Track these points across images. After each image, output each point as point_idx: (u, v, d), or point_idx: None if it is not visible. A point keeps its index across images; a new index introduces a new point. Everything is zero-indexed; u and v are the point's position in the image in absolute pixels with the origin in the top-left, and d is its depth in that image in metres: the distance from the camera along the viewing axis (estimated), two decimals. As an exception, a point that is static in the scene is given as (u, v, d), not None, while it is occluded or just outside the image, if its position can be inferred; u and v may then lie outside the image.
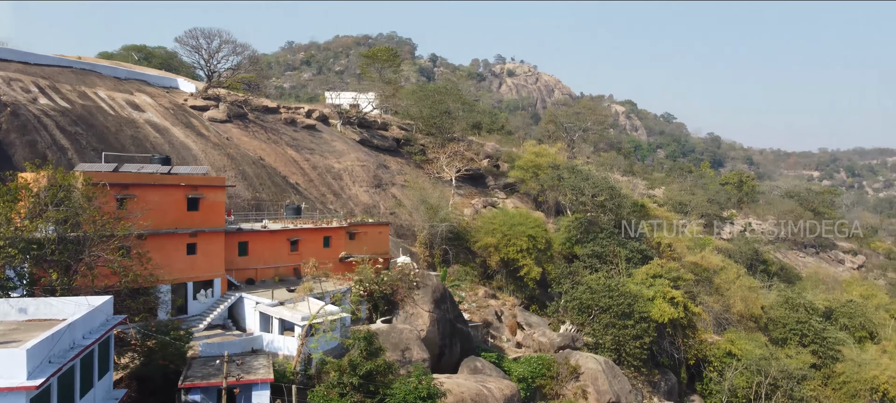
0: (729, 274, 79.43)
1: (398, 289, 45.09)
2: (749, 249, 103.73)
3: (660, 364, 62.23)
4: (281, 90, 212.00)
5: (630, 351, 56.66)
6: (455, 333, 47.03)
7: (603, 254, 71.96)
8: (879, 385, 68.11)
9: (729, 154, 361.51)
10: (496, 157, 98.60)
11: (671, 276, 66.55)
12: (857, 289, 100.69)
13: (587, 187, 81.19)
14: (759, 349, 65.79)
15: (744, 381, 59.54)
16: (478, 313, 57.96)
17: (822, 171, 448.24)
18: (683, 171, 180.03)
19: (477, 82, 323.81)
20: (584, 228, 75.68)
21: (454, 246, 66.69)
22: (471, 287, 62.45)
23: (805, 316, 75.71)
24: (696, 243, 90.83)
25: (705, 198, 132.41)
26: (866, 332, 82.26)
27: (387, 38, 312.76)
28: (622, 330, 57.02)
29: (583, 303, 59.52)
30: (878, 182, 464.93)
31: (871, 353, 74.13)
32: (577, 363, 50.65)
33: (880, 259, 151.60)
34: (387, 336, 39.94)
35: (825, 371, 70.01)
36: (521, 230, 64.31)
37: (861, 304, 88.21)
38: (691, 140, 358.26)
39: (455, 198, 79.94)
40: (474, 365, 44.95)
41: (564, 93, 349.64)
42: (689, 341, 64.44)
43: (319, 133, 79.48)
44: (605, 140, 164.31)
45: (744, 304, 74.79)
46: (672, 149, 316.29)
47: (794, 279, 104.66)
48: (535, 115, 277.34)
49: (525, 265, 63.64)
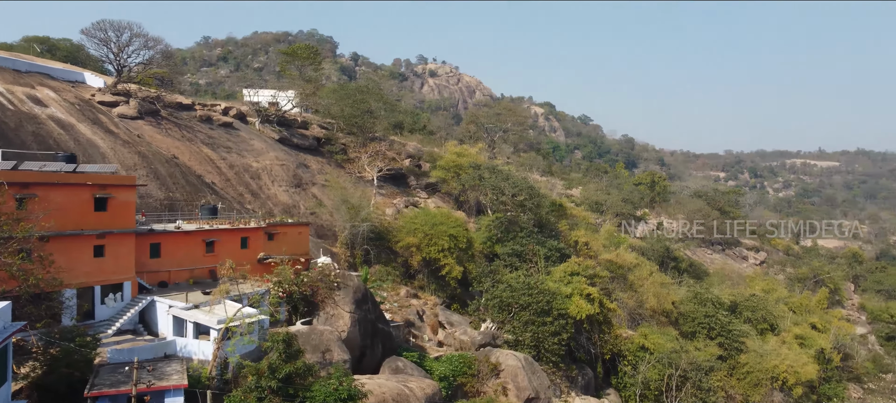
0: (642, 272, 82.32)
1: (318, 290, 44.49)
2: (661, 247, 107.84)
3: (577, 359, 63.87)
4: (196, 87, 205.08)
5: (549, 348, 57.88)
6: (376, 333, 46.83)
7: (523, 253, 73.24)
8: (779, 374, 72.39)
9: (642, 155, 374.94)
10: (418, 157, 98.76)
11: (588, 274, 68.43)
12: (759, 284, 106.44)
13: (507, 187, 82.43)
14: (670, 342, 68.53)
15: (656, 374, 61.86)
16: (399, 313, 57.90)
17: (727, 172, 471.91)
18: (599, 172, 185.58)
19: (399, 82, 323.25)
20: (504, 227, 76.84)
21: (376, 246, 66.37)
22: (392, 287, 62.32)
23: (712, 311, 79.41)
24: (612, 241, 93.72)
25: (620, 197, 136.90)
26: (768, 324, 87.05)
27: (307, 36, 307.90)
28: (541, 326, 58.19)
29: (503, 301, 60.39)
30: (778, 182, 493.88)
31: (772, 344, 78.50)
32: (498, 360, 51.36)
33: (780, 255, 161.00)
34: (307, 337, 39.35)
35: (731, 361, 73.74)
36: (443, 229, 64.69)
37: (763, 298, 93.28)
38: (607, 141, 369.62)
39: (377, 197, 79.57)
40: (396, 365, 44.89)
41: (485, 95, 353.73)
42: (605, 336, 66.39)
43: (237, 131, 77.45)
44: (524, 141, 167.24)
45: (656, 300, 77.70)
46: (589, 151, 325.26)
47: (703, 275, 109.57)
48: (456, 116, 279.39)
49: (446, 264, 64.04)
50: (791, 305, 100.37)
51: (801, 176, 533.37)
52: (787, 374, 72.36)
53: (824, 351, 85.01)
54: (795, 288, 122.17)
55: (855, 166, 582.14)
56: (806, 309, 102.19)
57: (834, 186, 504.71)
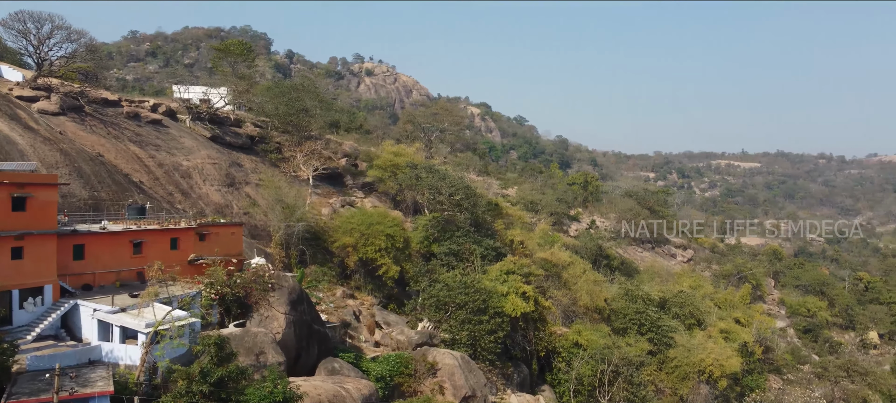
0: (576, 270, 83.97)
1: (252, 292, 43.59)
2: (593, 245, 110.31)
3: (513, 356, 64.68)
4: (123, 82, 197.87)
5: (485, 346, 58.38)
6: (312, 335, 46.25)
7: (459, 252, 73.64)
8: (706, 367, 75.19)
9: (576, 156, 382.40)
10: (354, 157, 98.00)
11: (523, 272, 69.36)
12: (686, 281, 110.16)
13: (444, 187, 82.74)
14: (602, 339, 70.20)
15: (589, 369, 63.22)
16: (336, 313, 57.34)
17: (657, 173, 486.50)
18: (534, 172, 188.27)
19: (335, 81, 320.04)
20: (441, 227, 77.10)
21: (311, 246, 65.50)
22: (328, 287, 61.64)
23: (643, 307, 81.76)
24: (546, 240, 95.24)
25: (554, 197, 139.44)
26: (695, 320, 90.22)
27: (241, 32, 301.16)
28: (477, 325, 58.64)
29: (440, 301, 60.57)
30: (704, 183, 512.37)
31: (699, 339, 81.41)
32: (435, 359, 51.49)
33: (706, 253, 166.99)
34: (240, 340, 38.51)
35: (660, 356, 76.10)
36: (380, 229, 64.38)
37: (690, 294, 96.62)
38: (542, 142, 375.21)
39: (312, 197, 78.56)
40: (332, 367, 44.44)
41: (422, 94, 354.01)
42: (540, 334, 67.45)
43: (166, 128, 75.09)
44: (461, 141, 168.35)
45: (589, 297, 79.41)
46: (524, 151, 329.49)
47: (634, 272, 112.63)
48: (393, 115, 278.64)
49: (383, 264, 63.77)
50: (716, 301, 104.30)
51: (726, 176, 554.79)
52: (712, 367, 75.20)
53: (747, 345, 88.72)
54: (720, 284, 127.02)
55: (775, 167, 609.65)
56: (730, 305, 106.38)
57: (756, 186, 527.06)
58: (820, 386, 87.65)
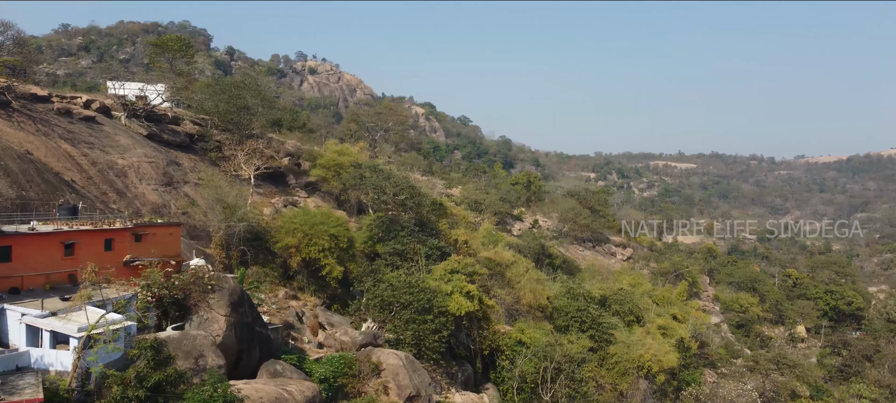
0: (519, 268, 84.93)
1: (191, 293, 42.54)
2: (536, 244, 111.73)
3: (457, 355, 64.98)
4: (54, 77, 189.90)
5: (429, 345, 58.47)
6: (254, 337, 45.45)
7: (404, 252, 73.53)
8: (645, 363, 77.15)
9: (519, 156, 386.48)
10: (297, 156, 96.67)
11: (467, 271, 69.74)
12: (626, 278, 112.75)
13: (388, 186, 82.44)
14: (545, 336, 71.19)
15: (532, 367, 64.04)
16: (278, 315, 56.50)
17: (597, 173, 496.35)
18: (478, 172, 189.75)
19: (277, 79, 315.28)
20: (385, 227, 76.80)
21: (253, 246, 64.34)
22: (271, 288, 60.69)
23: (584, 305, 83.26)
24: (490, 239, 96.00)
25: (498, 196, 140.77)
26: (634, 316, 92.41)
27: (179, 28, 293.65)
28: (422, 325, 58.67)
29: (384, 301, 60.36)
30: (643, 183, 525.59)
31: (638, 335, 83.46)
32: (379, 359, 51.30)
33: (645, 251, 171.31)
34: (178, 343, 37.55)
35: (601, 353, 77.68)
36: (323, 229, 63.65)
37: (630, 292, 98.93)
38: (485, 142, 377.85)
39: (254, 197, 77.17)
40: (274, 369, 43.77)
41: (366, 94, 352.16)
42: (484, 332, 67.95)
43: (100, 126, 72.52)
44: (405, 140, 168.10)
45: (532, 295, 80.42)
46: (468, 151, 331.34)
47: (575, 271, 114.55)
48: (337, 114, 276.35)
49: (327, 264, 63.10)
50: (655, 298, 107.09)
51: (663, 177, 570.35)
52: (651, 363, 77.21)
53: (684, 340, 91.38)
54: (658, 281, 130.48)
55: (709, 168, 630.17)
56: (668, 301, 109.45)
57: (692, 186, 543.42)
58: (752, 379, 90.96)
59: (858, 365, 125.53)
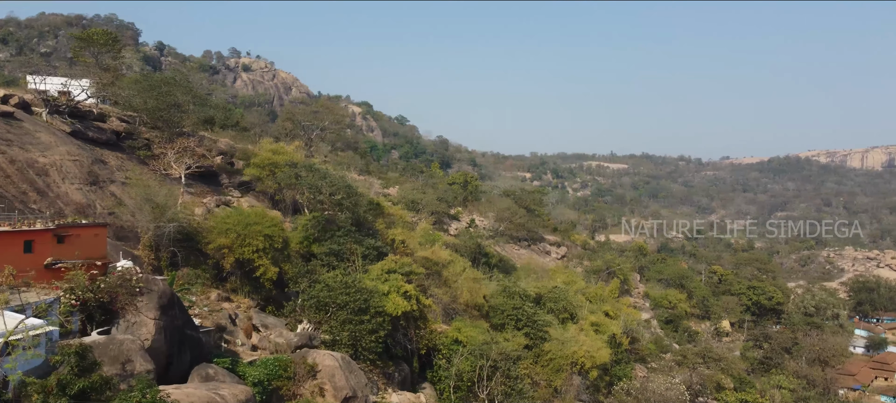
0: (456, 268, 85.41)
1: (118, 297, 41.11)
2: (473, 244, 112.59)
3: (394, 355, 64.88)
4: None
5: (366, 346, 58.20)
6: (184, 340, 44.30)
7: (340, 252, 72.94)
8: (578, 359, 78.77)
9: (456, 156, 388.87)
10: (230, 154, 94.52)
11: (404, 271, 69.69)
12: (560, 276, 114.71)
13: (325, 186, 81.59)
14: (482, 335, 71.80)
15: (469, 365, 64.49)
16: (210, 317, 55.18)
17: (533, 173, 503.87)
18: (416, 171, 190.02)
19: (210, 75, 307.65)
20: (321, 227, 75.99)
21: (184, 247, 62.59)
22: (202, 290, 59.20)
23: (520, 303, 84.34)
24: (427, 239, 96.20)
25: (435, 196, 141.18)
26: (568, 314, 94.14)
27: (105, 21, 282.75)
28: (359, 325, 58.35)
29: (320, 301, 59.74)
30: (577, 183, 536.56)
31: (572, 332, 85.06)
32: (315, 361, 50.76)
33: (578, 249, 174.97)
34: (104, 348, 36.25)
35: (536, 350, 78.87)
36: (257, 229, 62.46)
37: (564, 289, 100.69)
38: (423, 142, 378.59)
39: (185, 196, 75.07)
40: (206, 373, 42.75)
41: (302, 92, 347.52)
42: (421, 332, 68.08)
43: (19, 122, 69.13)
44: (342, 139, 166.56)
45: (469, 294, 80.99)
46: (405, 150, 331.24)
47: (511, 269, 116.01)
48: (272, 113, 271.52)
49: (261, 265, 61.96)
50: (588, 295, 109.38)
51: (596, 177, 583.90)
52: (584, 359, 78.90)
53: (616, 336, 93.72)
54: (591, 279, 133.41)
55: (640, 168, 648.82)
56: (600, 299, 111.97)
57: (623, 186, 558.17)
58: (680, 373, 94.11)
59: (778, 357, 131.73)
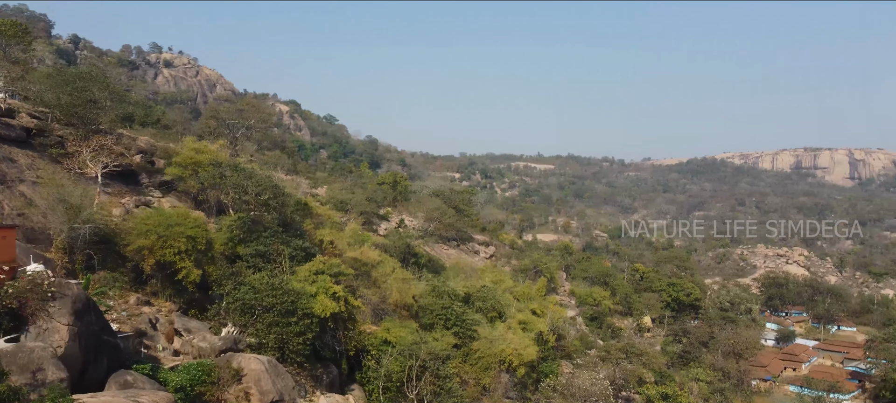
0: (386, 268, 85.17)
1: (28, 302, 39.08)
2: (402, 244, 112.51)
3: (322, 357, 64.17)
4: None
5: (293, 348, 57.37)
6: (101, 347, 42.56)
7: (267, 253, 71.54)
8: (506, 357, 79.92)
9: (385, 156, 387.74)
10: (151, 153, 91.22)
11: (333, 272, 69.03)
12: (489, 276, 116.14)
13: (251, 186, 79.89)
14: (411, 335, 71.85)
15: (398, 366, 64.44)
16: (129, 322, 53.15)
17: (462, 173, 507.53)
18: (345, 171, 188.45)
19: (129, 71, 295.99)
20: (247, 227, 74.32)
21: (100, 250, 60.06)
22: (121, 294, 56.95)
23: (449, 302, 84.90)
24: (356, 239, 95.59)
25: (364, 196, 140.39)
26: (496, 312, 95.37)
27: (15, 11, 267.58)
28: (286, 327, 57.45)
29: (246, 304, 58.48)
30: (505, 183, 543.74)
31: (500, 330, 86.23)
32: (240, 365, 49.69)
33: (506, 249, 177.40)
34: (13, 357, 34.47)
35: (465, 349, 79.55)
36: (180, 230, 60.57)
37: (492, 288, 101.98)
38: (352, 141, 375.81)
39: (102, 196, 72.03)
40: (124, 380, 41.19)
41: (227, 89, 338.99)
42: (350, 333, 67.58)
43: (-84, 117, 64.82)
44: (269, 139, 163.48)
45: (398, 294, 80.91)
46: (334, 150, 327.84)
47: (440, 269, 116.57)
48: (195, 110, 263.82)
49: (184, 267, 60.12)
50: (516, 294, 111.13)
51: (524, 177, 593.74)
52: (512, 357, 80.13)
53: (542, 334, 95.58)
54: (519, 278, 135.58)
55: (566, 169, 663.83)
56: (528, 297, 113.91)
57: (550, 187, 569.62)
58: (604, 368, 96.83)
59: (696, 351, 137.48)
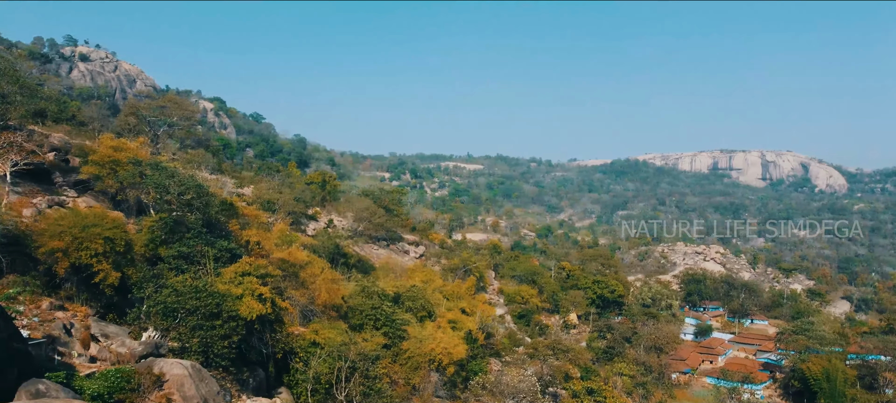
0: (314, 268, 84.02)
1: (-71, 309, 36.75)
2: (331, 244, 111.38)
3: (249, 360, 62.84)
4: None
5: (218, 352, 55.96)
6: (11, 355, 40.29)
7: (190, 255, 69.46)
8: (436, 356, 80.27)
9: (314, 155, 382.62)
10: (65, 151, 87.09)
11: (260, 273, 67.69)
12: (419, 275, 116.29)
13: (173, 185, 77.40)
14: (340, 336, 71.18)
15: (326, 367, 63.79)
16: (41, 328, 50.61)
17: (392, 173, 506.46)
18: (272, 171, 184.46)
19: (41, 65, 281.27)
20: (169, 228, 71.95)
21: (9, 252, 56.97)
22: (32, 299, 54.16)
23: (378, 302, 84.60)
24: (284, 240, 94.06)
25: (292, 196, 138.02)
26: (426, 312, 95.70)
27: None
28: (210, 330, 55.99)
29: (168, 307, 56.64)
30: (435, 183, 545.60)
31: (429, 330, 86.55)
32: (162, 370, 48.09)
33: (436, 248, 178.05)
34: (-89, 367, 32.29)
35: (394, 349, 79.46)
36: (96, 232, 58.12)
37: (422, 288, 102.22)
38: (279, 140, 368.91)
39: (10, 196, 68.38)
40: (36, 389, 39.19)
41: (148, 85, 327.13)
42: (278, 335, 66.43)
43: None
44: (192, 136, 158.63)
45: (327, 295, 79.99)
46: (261, 149, 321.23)
47: (370, 269, 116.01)
48: (113, 106, 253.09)
49: (101, 270, 57.73)
50: (445, 293, 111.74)
51: (454, 177, 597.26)
52: (442, 356, 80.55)
53: (472, 332, 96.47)
54: (449, 277, 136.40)
55: (495, 169, 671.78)
56: (457, 296, 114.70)
57: (479, 186, 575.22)
58: (532, 365, 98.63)
59: (620, 346, 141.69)
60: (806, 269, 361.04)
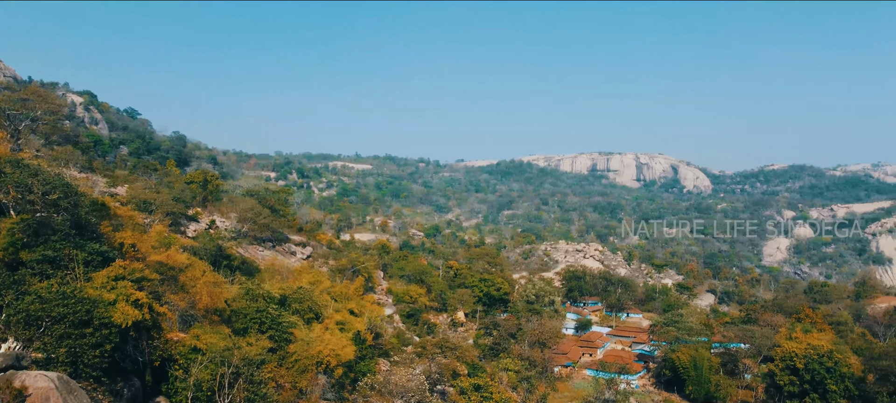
0: (195, 271, 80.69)
1: None
2: (213, 246, 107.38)
3: (123, 370, 59.51)
4: None
5: (89, 362, 52.62)
6: None
7: (57, 259, 64.87)
8: (323, 358, 79.24)
9: (194, 153, 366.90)
10: None
11: (135, 277, 64.31)
12: (306, 277, 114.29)
13: (37, 184, 72.07)
14: (223, 341, 68.73)
15: (208, 374, 61.47)
16: None
17: (278, 173, 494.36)
18: (148, 169, 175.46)
19: None
20: (32, 231, 66.89)
21: None
22: None
23: (263, 305, 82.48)
24: (162, 242, 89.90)
25: (171, 196, 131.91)
26: (313, 314, 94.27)
27: None
28: (80, 339, 52.57)
29: (31, 315, 52.66)
30: (322, 183, 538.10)
31: (317, 332, 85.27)
32: (24, 383, 44.64)
33: (324, 249, 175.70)
34: None
35: (281, 352, 77.73)
36: (-53, 235, 53.22)
37: (309, 290, 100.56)
38: (157, 138, 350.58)
39: None
40: None
41: (8, 76, 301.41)
42: (155, 342, 63.34)
43: None
44: (59, 132, 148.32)
45: (209, 299, 77.01)
46: (136, 146, 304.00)
47: (255, 271, 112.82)
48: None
49: (-48, 277, 52.88)
50: (333, 294, 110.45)
51: (342, 177, 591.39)
52: (330, 357, 79.61)
53: (360, 333, 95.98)
54: (337, 278, 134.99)
55: (384, 169, 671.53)
56: (346, 297, 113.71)
57: (368, 186, 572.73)
58: (420, 364, 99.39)
59: (505, 343, 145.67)
60: (676, 265, 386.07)
